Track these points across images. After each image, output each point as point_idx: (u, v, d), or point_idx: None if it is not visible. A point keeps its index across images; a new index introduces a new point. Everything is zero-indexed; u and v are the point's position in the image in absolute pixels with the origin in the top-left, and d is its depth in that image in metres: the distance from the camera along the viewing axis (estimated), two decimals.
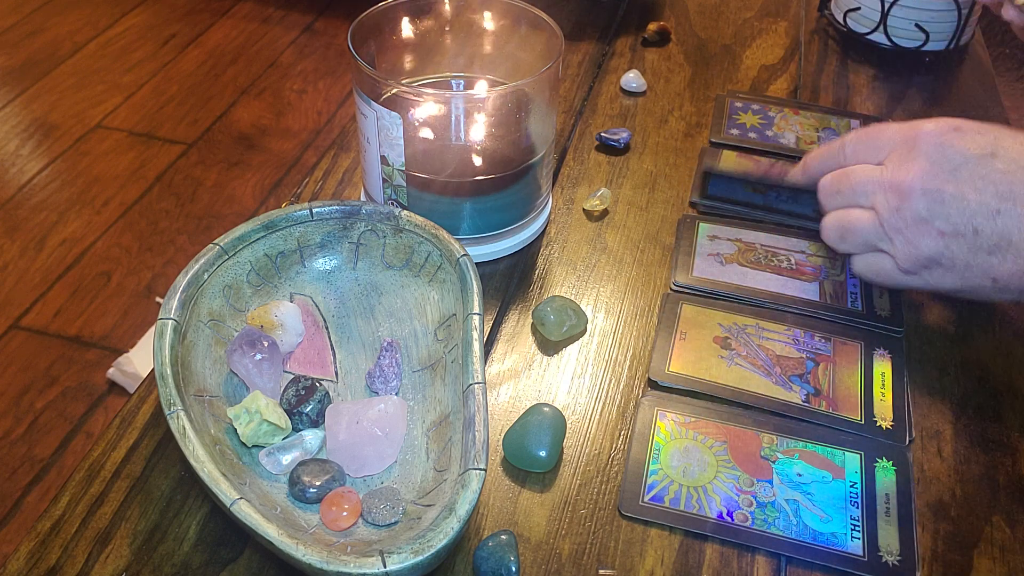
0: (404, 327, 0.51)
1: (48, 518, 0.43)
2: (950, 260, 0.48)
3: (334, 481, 0.43)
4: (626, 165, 0.67)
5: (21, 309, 1.55)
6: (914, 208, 0.48)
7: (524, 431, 0.46)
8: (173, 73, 2.15)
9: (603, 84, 0.76)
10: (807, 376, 0.51)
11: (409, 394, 0.48)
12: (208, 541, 0.42)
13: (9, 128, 1.97)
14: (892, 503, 0.45)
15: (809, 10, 0.88)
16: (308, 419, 0.46)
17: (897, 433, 0.48)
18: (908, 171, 0.48)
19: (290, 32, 2.30)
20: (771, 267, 0.58)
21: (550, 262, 0.58)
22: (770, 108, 0.73)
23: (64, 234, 1.70)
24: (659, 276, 0.58)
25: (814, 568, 0.42)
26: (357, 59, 0.52)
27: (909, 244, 0.48)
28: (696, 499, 0.45)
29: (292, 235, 0.52)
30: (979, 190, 0.47)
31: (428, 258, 0.51)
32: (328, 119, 2.01)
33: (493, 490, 0.45)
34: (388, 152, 0.54)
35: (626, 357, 0.52)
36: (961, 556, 0.43)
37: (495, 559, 0.40)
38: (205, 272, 0.48)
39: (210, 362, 0.47)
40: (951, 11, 0.76)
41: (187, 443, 0.40)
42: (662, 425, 0.48)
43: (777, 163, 0.66)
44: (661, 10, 0.87)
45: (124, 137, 1.95)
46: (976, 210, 0.46)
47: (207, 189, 1.82)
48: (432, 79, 0.61)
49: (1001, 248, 0.46)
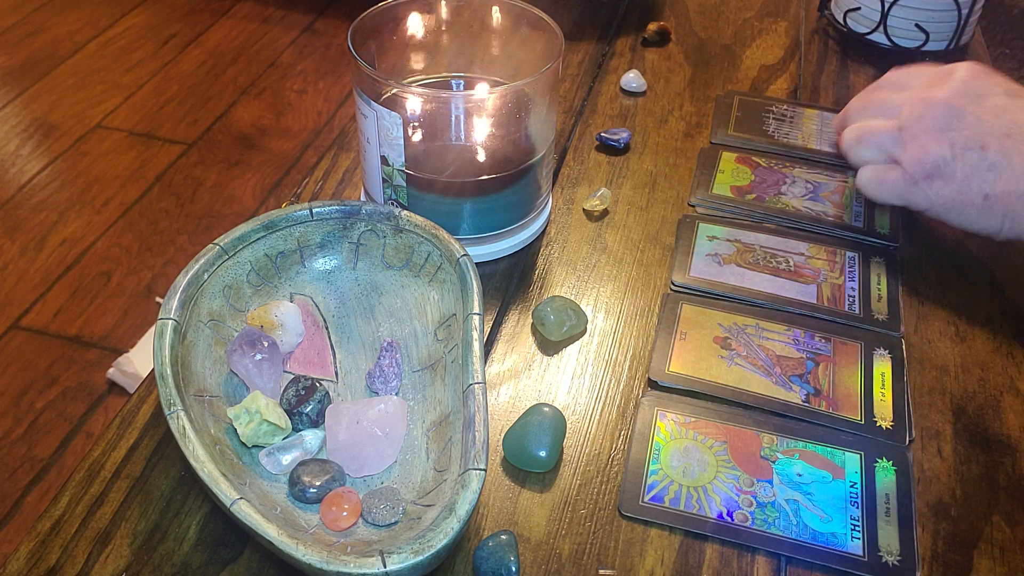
0: (404, 327, 0.51)
1: (48, 518, 0.43)
2: (952, 171, 0.52)
3: (334, 481, 0.43)
4: (626, 165, 0.67)
5: (21, 309, 1.55)
6: (935, 116, 0.53)
7: (524, 431, 0.46)
8: (173, 73, 2.15)
9: (603, 84, 0.76)
10: (807, 376, 0.51)
11: (409, 394, 0.48)
12: (208, 541, 0.42)
13: (9, 128, 1.97)
14: (892, 503, 0.45)
15: (809, 10, 0.88)
16: (308, 419, 0.46)
17: (897, 433, 0.48)
18: (938, 91, 0.54)
19: (290, 32, 2.30)
20: (769, 268, 0.58)
21: (550, 262, 0.59)
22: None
23: (64, 234, 1.70)
24: (659, 276, 0.58)
25: (814, 568, 0.42)
26: (357, 59, 0.52)
27: (921, 149, 0.53)
28: (696, 499, 0.45)
29: (292, 235, 0.52)
30: (997, 116, 0.52)
31: (428, 258, 0.51)
32: (328, 119, 2.01)
33: (493, 490, 0.45)
34: (388, 152, 0.54)
35: (626, 357, 0.52)
36: (961, 556, 0.43)
37: (495, 559, 0.40)
38: (205, 272, 0.48)
39: (210, 362, 0.47)
40: (951, 11, 0.76)
41: (187, 443, 0.40)
42: (662, 425, 0.48)
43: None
44: (661, 10, 0.87)
45: (124, 137, 1.95)
46: (989, 130, 0.52)
47: (207, 189, 1.82)
48: (432, 79, 0.61)
49: (1000, 166, 0.51)
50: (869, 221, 0.62)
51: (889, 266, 0.59)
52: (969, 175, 0.52)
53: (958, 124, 0.52)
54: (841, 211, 0.63)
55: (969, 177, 0.52)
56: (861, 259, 0.59)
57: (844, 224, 0.62)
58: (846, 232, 0.61)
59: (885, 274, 0.58)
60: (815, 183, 0.65)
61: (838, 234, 0.61)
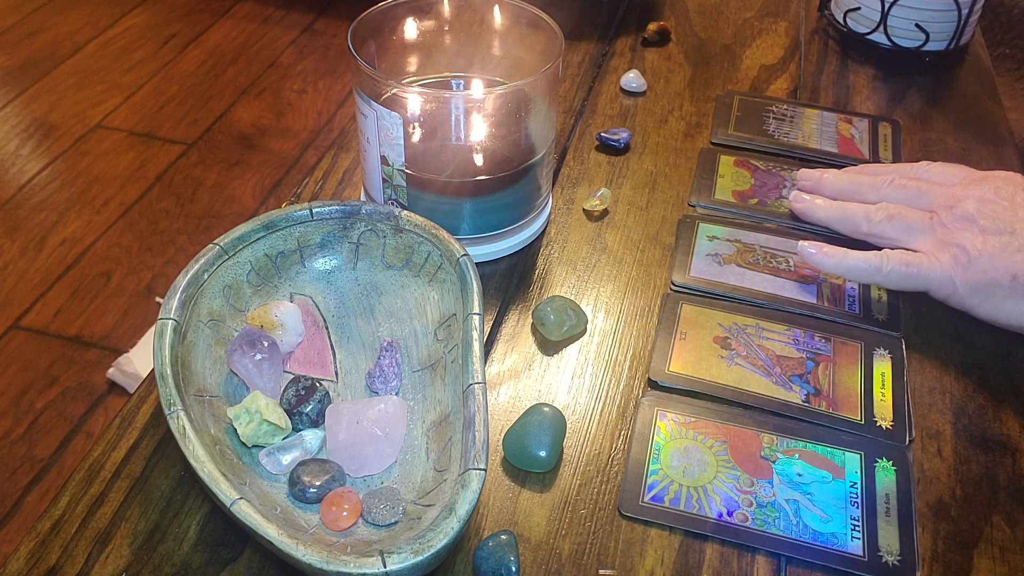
0: (404, 327, 0.51)
1: (48, 518, 0.43)
2: (978, 251, 0.51)
3: (334, 481, 0.43)
4: (626, 165, 0.67)
5: (21, 309, 1.55)
6: (964, 208, 0.53)
7: (524, 431, 0.46)
8: (173, 73, 2.15)
9: (603, 84, 0.76)
10: (807, 376, 0.51)
11: (409, 394, 0.48)
12: (208, 541, 0.42)
13: (9, 128, 1.97)
14: (892, 503, 0.45)
15: (809, 10, 0.88)
16: (308, 419, 0.46)
17: (897, 433, 0.48)
18: (971, 189, 0.54)
19: (290, 32, 2.30)
20: (769, 268, 0.58)
21: (550, 262, 0.58)
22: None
23: (64, 234, 1.70)
24: (659, 276, 0.58)
25: (814, 568, 0.42)
26: (357, 59, 0.52)
27: (948, 233, 0.53)
28: (696, 499, 0.45)
29: (292, 235, 0.52)
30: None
31: (428, 258, 0.51)
32: (328, 119, 2.01)
33: (493, 490, 0.45)
34: (388, 152, 0.54)
35: (626, 357, 0.52)
36: (961, 556, 0.43)
37: (495, 559, 0.40)
38: (205, 272, 0.48)
39: (210, 362, 0.47)
40: (951, 11, 0.76)
41: (187, 443, 0.40)
42: (662, 425, 0.48)
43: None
44: (661, 10, 0.87)
45: (124, 137, 1.95)
46: (1020, 218, 0.52)
47: (207, 189, 1.82)
48: (432, 79, 0.61)
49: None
50: None
51: None
52: (995, 255, 0.51)
53: (987, 212, 0.52)
54: None
55: (995, 257, 0.51)
56: None
57: None
58: None
59: None
60: None
61: (839, 234, 0.61)
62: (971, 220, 0.52)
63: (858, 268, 0.54)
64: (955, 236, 0.53)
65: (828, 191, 0.61)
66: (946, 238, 0.53)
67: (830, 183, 0.61)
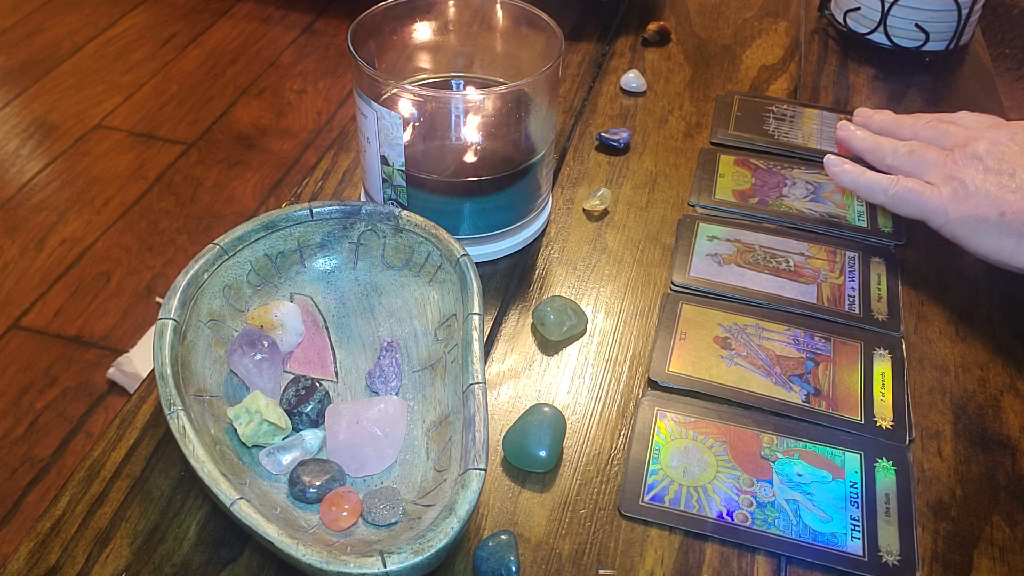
0: (404, 327, 0.51)
1: (48, 518, 0.43)
2: (976, 187, 0.54)
3: (334, 481, 0.43)
4: (626, 165, 0.67)
5: (21, 309, 1.55)
6: (976, 148, 0.56)
7: (524, 431, 0.46)
8: (173, 73, 2.15)
9: (603, 84, 0.76)
10: (807, 376, 0.51)
11: (409, 394, 0.48)
12: (208, 541, 0.42)
13: (9, 128, 1.97)
14: (892, 503, 0.45)
15: (809, 10, 0.88)
16: (308, 419, 0.46)
17: (897, 433, 0.48)
18: (989, 132, 0.57)
19: (290, 32, 2.30)
20: (769, 268, 0.58)
21: (550, 262, 0.58)
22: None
23: (64, 234, 1.70)
24: (659, 276, 0.58)
25: (814, 568, 0.42)
26: (357, 59, 0.52)
27: (956, 168, 0.56)
28: (696, 499, 0.45)
29: (292, 235, 0.52)
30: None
31: (428, 258, 0.51)
32: (328, 119, 2.01)
33: (493, 490, 0.45)
34: (388, 152, 0.54)
35: (626, 357, 0.52)
36: (961, 556, 0.43)
37: (495, 559, 0.40)
38: (205, 272, 0.48)
39: (210, 362, 0.47)
40: (951, 11, 0.76)
41: (187, 443, 0.40)
42: (662, 425, 0.48)
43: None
44: (661, 10, 0.87)
45: (124, 137, 1.95)
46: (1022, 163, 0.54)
47: (207, 189, 1.82)
48: (432, 79, 0.61)
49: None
50: (872, 220, 0.62)
51: (889, 266, 0.59)
52: (990, 191, 0.53)
53: (995, 153, 0.54)
54: (844, 211, 0.63)
55: (989, 193, 0.53)
56: (861, 259, 0.59)
57: (847, 224, 0.62)
58: (849, 232, 0.61)
59: (885, 274, 0.58)
60: (815, 184, 0.65)
61: (840, 234, 0.61)
62: (979, 159, 0.55)
63: (870, 185, 0.59)
64: (960, 171, 0.55)
65: (875, 127, 0.65)
66: (953, 172, 0.56)
67: (878, 121, 0.65)
